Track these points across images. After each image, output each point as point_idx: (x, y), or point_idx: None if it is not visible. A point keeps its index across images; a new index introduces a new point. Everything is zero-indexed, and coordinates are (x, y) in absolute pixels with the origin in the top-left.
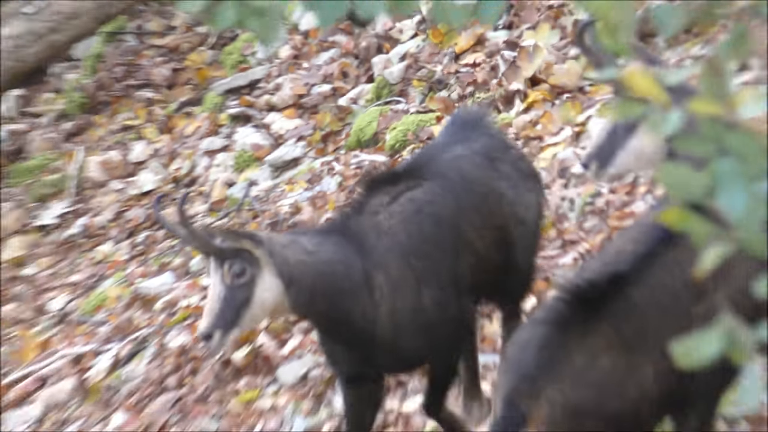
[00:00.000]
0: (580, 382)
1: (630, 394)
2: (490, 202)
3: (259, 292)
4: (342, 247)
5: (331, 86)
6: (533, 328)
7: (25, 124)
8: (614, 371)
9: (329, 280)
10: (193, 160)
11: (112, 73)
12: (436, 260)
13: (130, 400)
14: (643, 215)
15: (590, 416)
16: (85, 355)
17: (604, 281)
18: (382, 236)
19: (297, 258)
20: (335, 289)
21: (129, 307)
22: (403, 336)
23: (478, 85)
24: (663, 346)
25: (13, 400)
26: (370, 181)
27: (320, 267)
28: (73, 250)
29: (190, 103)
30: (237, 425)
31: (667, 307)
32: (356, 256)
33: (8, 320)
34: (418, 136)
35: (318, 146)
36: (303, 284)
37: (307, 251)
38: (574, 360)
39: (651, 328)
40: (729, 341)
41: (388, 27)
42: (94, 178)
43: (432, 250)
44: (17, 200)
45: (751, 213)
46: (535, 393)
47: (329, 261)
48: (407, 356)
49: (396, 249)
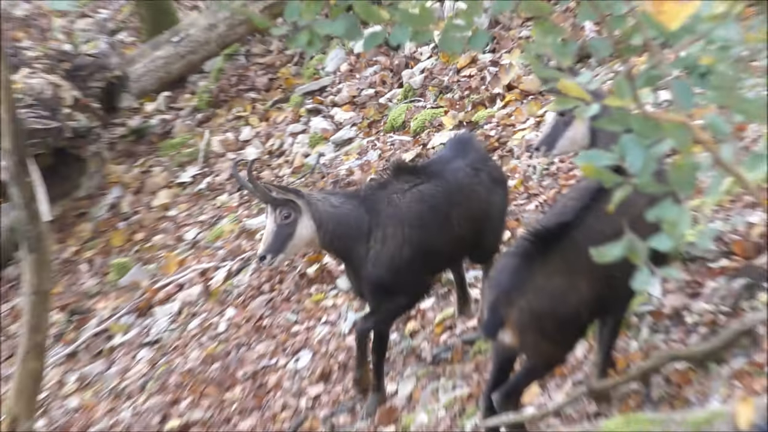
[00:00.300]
0: (540, 294)
1: (573, 302)
2: (471, 200)
3: (299, 230)
4: (357, 208)
5: (374, 90)
6: (508, 259)
7: (171, 115)
8: (562, 287)
9: (344, 227)
10: (282, 139)
11: (229, 81)
12: (422, 232)
13: (238, 300)
14: (580, 179)
15: (547, 318)
16: (209, 269)
17: (556, 227)
18: (391, 207)
19: (326, 209)
20: (346, 235)
21: (238, 237)
22: (375, 274)
23: (472, 89)
24: (594, 269)
25: (161, 299)
26: (398, 168)
27: (340, 218)
28: (201, 199)
29: (281, 101)
30: (309, 317)
31: (596, 241)
32: (366, 216)
33: (158, 246)
34: (432, 123)
35: (365, 130)
36: (327, 228)
37: (333, 206)
38: (536, 280)
39: (585, 257)
40: (629, 248)
41: (413, 51)
42: (216, 151)
43: (422, 225)
44: (165, 165)
45: (645, 167)
46: (509, 302)
47: (346, 215)
48: (373, 290)
49: (396, 217)
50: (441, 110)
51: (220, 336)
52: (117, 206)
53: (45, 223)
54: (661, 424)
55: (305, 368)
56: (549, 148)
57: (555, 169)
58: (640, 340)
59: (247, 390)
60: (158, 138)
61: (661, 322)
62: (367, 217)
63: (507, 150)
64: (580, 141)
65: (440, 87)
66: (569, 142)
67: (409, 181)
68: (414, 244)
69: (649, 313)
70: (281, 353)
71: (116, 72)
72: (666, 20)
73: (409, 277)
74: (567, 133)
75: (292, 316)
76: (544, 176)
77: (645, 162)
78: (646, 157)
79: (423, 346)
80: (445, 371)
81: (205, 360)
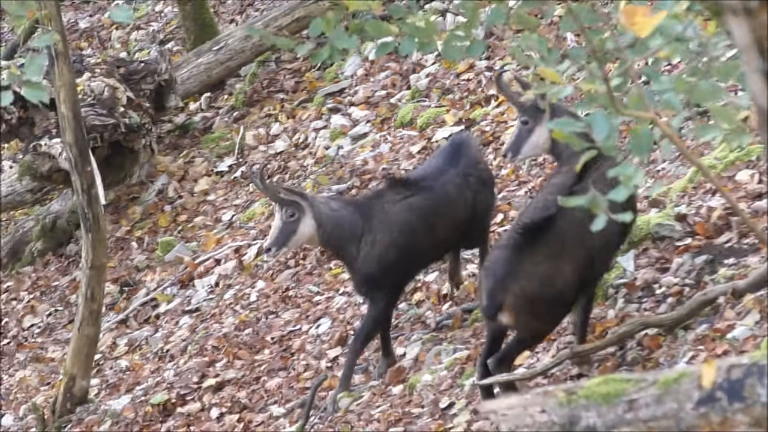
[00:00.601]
0: (530, 279)
1: (558, 285)
2: (458, 206)
3: (301, 228)
4: (353, 214)
5: (386, 92)
6: (500, 250)
7: (211, 113)
8: (549, 272)
9: (339, 229)
10: (306, 134)
11: (261, 84)
12: (408, 237)
13: (267, 273)
14: (552, 174)
15: (537, 300)
16: (242, 246)
17: (541, 220)
18: (382, 215)
19: (326, 212)
20: (341, 236)
21: (268, 219)
22: (363, 271)
23: (471, 91)
24: (575, 255)
25: (201, 273)
26: (391, 180)
27: (337, 220)
28: (236, 186)
29: (305, 101)
30: (329, 289)
31: (576, 230)
32: (360, 221)
33: (198, 226)
34: (435, 120)
35: (378, 126)
36: (326, 228)
37: (333, 209)
38: (526, 267)
39: (568, 244)
40: (592, 201)
41: (419, 58)
42: (250, 144)
43: (409, 231)
44: (205, 156)
45: (610, 135)
46: (505, 288)
47: (343, 218)
48: (360, 286)
49: (386, 223)
50: (444, 109)
51: (252, 305)
52: (164, 192)
53: (101, 206)
54: (635, 383)
55: (325, 333)
56: (515, 153)
57: (542, 158)
58: (615, 309)
59: (274, 353)
60: (200, 133)
61: (634, 293)
62: (361, 222)
63: (500, 143)
64: (542, 145)
65: (443, 89)
66: (532, 147)
67: (401, 193)
68: (400, 247)
69: (624, 285)
70: (304, 320)
71: (165, 76)
72: (637, 30)
73: (394, 275)
74: (530, 139)
75: (314, 288)
76: (532, 166)
77: (609, 131)
78: (611, 127)
79: (427, 314)
80: (447, 336)
81: (238, 326)
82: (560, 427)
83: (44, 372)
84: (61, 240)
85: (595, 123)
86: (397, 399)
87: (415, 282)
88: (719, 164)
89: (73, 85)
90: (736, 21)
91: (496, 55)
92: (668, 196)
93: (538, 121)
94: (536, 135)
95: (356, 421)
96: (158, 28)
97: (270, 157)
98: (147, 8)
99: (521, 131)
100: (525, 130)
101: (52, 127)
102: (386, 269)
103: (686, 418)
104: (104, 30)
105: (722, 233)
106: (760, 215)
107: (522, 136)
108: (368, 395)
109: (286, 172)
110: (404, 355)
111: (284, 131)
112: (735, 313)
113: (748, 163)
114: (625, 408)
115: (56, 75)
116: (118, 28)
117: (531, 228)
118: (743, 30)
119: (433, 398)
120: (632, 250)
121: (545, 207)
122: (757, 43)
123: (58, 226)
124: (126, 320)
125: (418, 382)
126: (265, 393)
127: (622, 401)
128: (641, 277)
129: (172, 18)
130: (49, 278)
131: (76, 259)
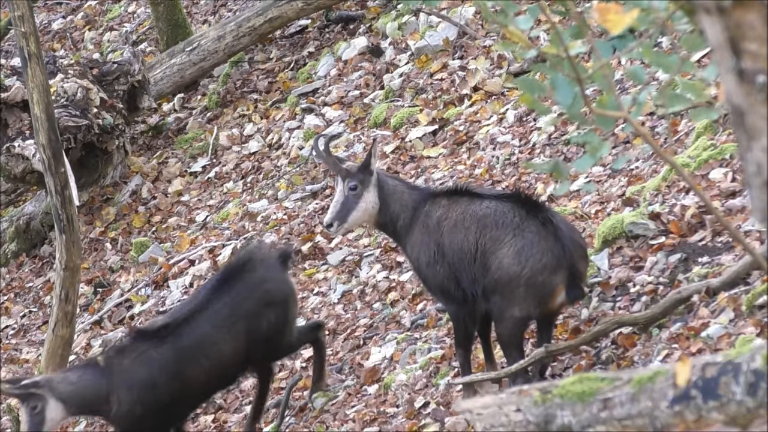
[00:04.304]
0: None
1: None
2: (220, 342)
3: (362, 203)
4: (415, 204)
5: (359, 92)
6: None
7: (185, 114)
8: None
9: (398, 212)
10: (280, 134)
11: (234, 84)
12: (151, 392)
13: None
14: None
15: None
16: (216, 247)
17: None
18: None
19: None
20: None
21: (242, 219)
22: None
23: (444, 91)
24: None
25: (175, 273)
26: (135, 333)
27: (399, 204)
28: (210, 186)
29: (279, 101)
30: (303, 289)
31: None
32: (415, 213)
33: (172, 227)
34: (409, 120)
35: (351, 126)
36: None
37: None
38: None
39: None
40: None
41: (393, 58)
42: (223, 144)
43: (151, 386)
44: (179, 157)
45: (575, 103)
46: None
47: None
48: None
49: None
50: (417, 109)
51: None
52: (137, 193)
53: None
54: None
55: None
56: (341, 222)
57: (516, 158)
58: (590, 308)
59: None
60: (173, 133)
61: (608, 292)
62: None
63: (474, 143)
64: (371, 210)
65: (416, 89)
66: (362, 213)
67: (139, 348)
68: (144, 404)
69: (598, 284)
70: None
71: (138, 77)
72: (610, 26)
73: (152, 424)
74: (359, 205)
75: None
76: (506, 165)
77: (573, 97)
78: (574, 95)
79: (402, 314)
80: (421, 336)
81: None
82: (535, 426)
83: (19, 373)
84: (35, 241)
85: (558, 87)
86: (372, 399)
87: (389, 282)
88: (693, 162)
89: (47, 86)
90: (710, 20)
91: (469, 55)
92: (642, 195)
93: (366, 186)
94: (365, 200)
95: (331, 421)
96: (131, 29)
97: (243, 158)
98: (120, 9)
99: (348, 197)
100: (352, 196)
101: (25, 129)
102: (138, 423)
103: (661, 417)
104: (77, 31)
105: (696, 232)
106: (733, 213)
107: (349, 202)
108: (343, 395)
109: (260, 172)
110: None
111: (258, 131)
112: (709, 312)
113: (721, 161)
114: (600, 406)
115: (29, 76)
116: (91, 29)
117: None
118: (716, 29)
119: (408, 398)
120: (606, 249)
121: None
122: (730, 42)
123: (32, 227)
124: (100, 321)
125: (393, 381)
126: (240, 393)
127: (596, 400)
128: (615, 276)
129: (145, 19)
130: (23, 279)
131: (50, 261)
